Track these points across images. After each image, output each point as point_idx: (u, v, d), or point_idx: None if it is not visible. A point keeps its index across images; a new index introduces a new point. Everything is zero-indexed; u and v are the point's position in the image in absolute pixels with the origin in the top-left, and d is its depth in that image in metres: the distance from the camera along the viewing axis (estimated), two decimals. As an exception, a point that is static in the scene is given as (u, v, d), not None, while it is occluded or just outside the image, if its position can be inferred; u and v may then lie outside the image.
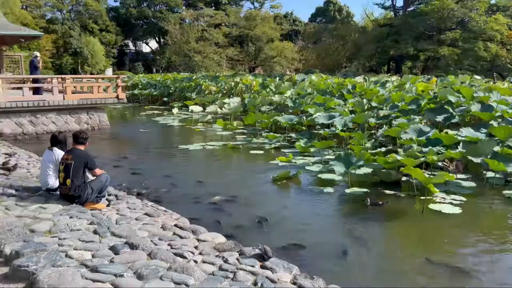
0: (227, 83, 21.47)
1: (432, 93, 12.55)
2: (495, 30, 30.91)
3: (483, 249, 4.29)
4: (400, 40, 33.34)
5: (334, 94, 14.92)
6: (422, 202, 5.59)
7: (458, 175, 6.97)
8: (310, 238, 4.58)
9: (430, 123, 10.19)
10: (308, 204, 5.89)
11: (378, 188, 6.44)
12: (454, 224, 4.97)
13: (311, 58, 42.27)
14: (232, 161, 9.09)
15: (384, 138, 9.76)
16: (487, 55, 31.18)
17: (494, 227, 5.00)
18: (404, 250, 4.43)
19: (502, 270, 3.85)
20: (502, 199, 5.86)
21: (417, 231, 4.93)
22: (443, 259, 4.04)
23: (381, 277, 3.70)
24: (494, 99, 10.27)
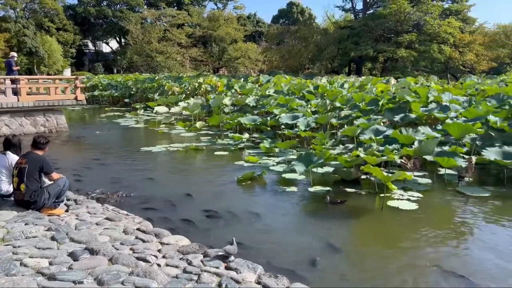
0: (191, 84, 21.28)
1: (391, 94, 12.99)
2: (448, 33, 32.39)
3: (438, 242, 4.48)
4: (360, 42, 34.24)
5: (297, 95, 15.14)
6: (381, 199, 5.79)
7: (415, 172, 7.26)
8: (272, 236, 4.63)
9: (389, 122, 10.55)
10: (270, 204, 5.95)
11: (340, 186, 6.60)
12: (410, 219, 5.16)
13: (274, 59, 42.58)
14: (196, 163, 9.02)
15: (345, 138, 10.01)
16: (441, 57, 32.64)
17: (447, 221, 5.25)
18: (364, 246, 4.55)
19: (456, 260, 4.04)
20: (456, 194, 6.15)
21: (376, 227, 5.08)
22: (397, 253, 4.20)
23: (339, 273, 3.79)
24: (447, 99, 10.77)
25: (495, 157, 6.63)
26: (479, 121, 8.34)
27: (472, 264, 4.01)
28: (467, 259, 4.12)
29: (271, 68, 41.13)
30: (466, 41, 33.72)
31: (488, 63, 35.09)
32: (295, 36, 40.47)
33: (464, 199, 5.95)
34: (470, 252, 4.29)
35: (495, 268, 3.86)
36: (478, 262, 4.04)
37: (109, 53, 59.51)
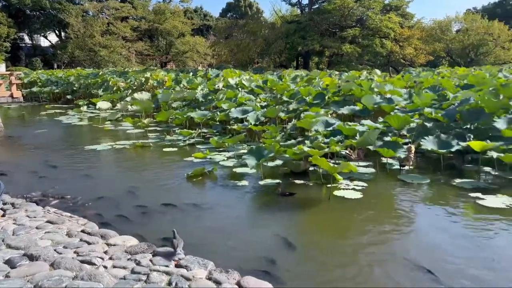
0: (137, 79, 20.66)
1: (337, 87, 13.39)
2: (389, 28, 33.88)
3: (381, 228, 4.71)
4: (307, 37, 34.94)
5: (245, 89, 15.18)
6: (328, 190, 5.97)
7: (360, 162, 7.56)
8: (224, 231, 4.63)
9: (335, 115, 10.88)
10: (222, 198, 5.94)
11: (289, 179, 6.72)
12: (357, 208, 5.37)
13: (223, 53, 42.41)
14: (144, 160, 8.79)
15: (294, 131, 10.19)
16: (383, 51, 34.12)
17: (391, 208, 5.52)
18: (312, 235, 4.68)
19: (396, 244, 4.27)
20: (397, 182, 6.48)
21: (325, 217, 5.24)
22: (342, 239, 4.36)
23: (289, 264, 3.87)
24: (389, 91, 11.29)
25: (432, 146, 7.05)
26: (417, 112, 8.82)
27: (424, 247, 4.24)
28: (419, 243, 4.34)
29: (220, 62, 40.96)
30: (405, 36, 35.47)
31: (425, 56, 37.18)
32: (244, 30, 40.53)
33: (405, 186, 6.28)
34: (420, 236, 4.54)
35: (444, 250, 4.11)
36: (429, 246, 4.27)
37: (48, 48, 56.24)
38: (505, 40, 39.90)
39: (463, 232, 4.57)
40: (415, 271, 3.66)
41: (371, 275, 3.62)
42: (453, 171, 7.04)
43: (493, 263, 3.80)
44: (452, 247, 4.17)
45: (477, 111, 8.13)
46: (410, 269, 3.70)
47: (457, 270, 3.68)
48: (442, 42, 41.34)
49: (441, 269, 3.67)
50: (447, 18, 44.59)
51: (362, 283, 3.49)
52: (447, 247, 4.16)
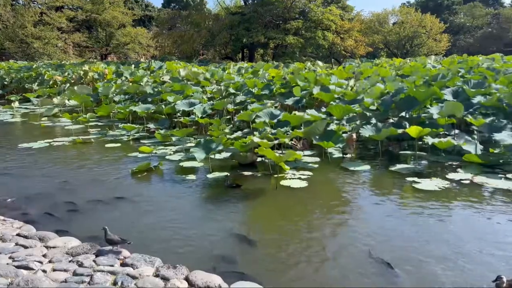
0: (75, 72, 19.65)
1: (283, 79, 13.58)
2: (330, 20, 34.83)
3: (324, 215, 4.87)
4: (251, 28, 35.04)
5: (192, 81, 14.96)
6: (275, 180, 6.07)
7: (305, 152, 7.75)
8: (173, 227, 4.57)
9: (281, 106, 11.04)
10: (169, 194, 5.84)
11: (237, 171, 6.75)
12: (300, 196, 5.52)
13: (166, 44, 41.37)
14: (85, 157, 8.40)
15: (241, 123, 10.23)
16: (326, 43, 35.03)
17: (334, 195, 5.72)
18: (259, 225, 4.75)
19: (340, 231, 4.45)
20: (340, 170, 6.72)
21: (270, 206, 5.33)
22: (287, 228, 4.47)
23: (237, 255, 3.90)
24: (333, 82, 11.64)
25: (371, 133, 7.38)
26: (357, 102, 9.17)
27: (367, 232, 4.43)
28: (362, 229, 4.53)
29: (163, 54, 39.98)
30: (346, 28, 36.66)
31: (365, 48, 38.69)
32: (187, 21, 39.79)
33: (347, 173, 6.53)
34: (363, 221, 4.73)
35: (386, 233, 4.33)
36: (372, 230, 4.47)
37: (-28, 39, 51.75)
38: (436, 33, 42.48)
39: (400, 214, 4.85)
40: (358, 256, 3.84)
41: (318, 262, 3.75)
42: (391, 157, 7.42)
43: (424, 239, 4.07)
44: (390, 229, 4.41)
45: (410, 100, 8.60)
46: (351, 253, 3.88)
47: (393, 248, 3.90)
48: (380, 34, 43.25)
49: (388, 251, 3.88)
50: (384, 11, 46.68)
51: (309, 269, 3.60)
52: (388, 230, 4.40)
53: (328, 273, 3.53)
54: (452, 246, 3.94)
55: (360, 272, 3.52)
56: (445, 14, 51.96)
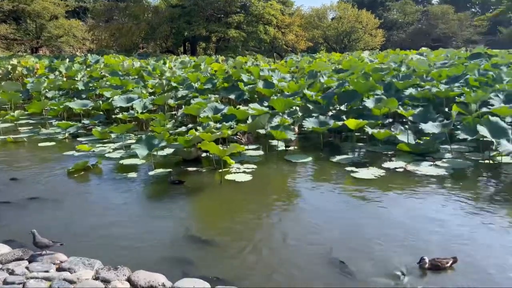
0: (2, 67, 18.20)
1: (226, 73, 13.51)
2: (271, 15, 35.17)
3: (267, 207, 4.95)
4: (192, 22, 34.47)
5: (133, 76, 14.46)
6: (220, 174, 6.05)
7: (250, 146, 7.80)
8: (114, 227, 4.41)
9: (225, 100, 11.00)
10: (109, 193, 5.62)
11: (181, 167, 6.64)
12: (245, 190, 5.55)
13: (103, 37, 39.50)
14: (17, 158, 7.84)
15: (184, 118, 10.06)
16: (267, 37, 35.34)
17: (276, 187, 5.83)
18: (203, 220, 4.72)
19: (285, 222, 4.54)
20: (284, 163, 6.84)
21: (214, 201, 5.32)
22: (231, 221, 4.49)
23: (178, 251, 3.85)
24: (275, 77, 11.79)
25: (313, 125, 7.58)
26: (298, 95, 9.37)
27: (309, 222, 4.54)
28: (304, 218, 4.65)
29: (100, 47, 38.21)
30: (287, 23, 37.22)
31: (306, 42, 39.55)
32: (125, 13, 38.28)
33: (291, 166, 6.66)
34: (305, 212, 4.85)
35: (328, 222, 4.46)
36: (313, 220, 4.59)
37: None
38: (372, 28, 44.38)
39: (340, 202, 5.04)
40: (304, 244, 3.95)
41: (263, 254, 3.80)
42: (332, 148, 7.67)
43: (360, 222, 4.27)
44: (330, 217, 4.58)
45: (350, 92, 8.94)
46: (296, 243, 3.98)
47: (336, 234, 4.06)
48: (319, 29, 44.37)
49: (330, 239, 4.02)
50: (323, 6, 48.00)
51: (253, 263, 3.64)
52: (328, 218, 4.56)
53: (275, 265, 3.59)
54: (384, 229, 4.17)
55: (302, 260, 3.62)
56: (380, 10, 54.42)
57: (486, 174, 6.02)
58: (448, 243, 3.87)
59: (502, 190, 5.43)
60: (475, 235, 4.06)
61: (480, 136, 6.41)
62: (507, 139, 6.01)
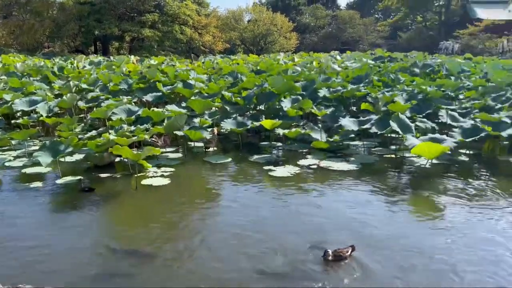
0: None
1: (140, 73, 13.03)
2: (187, 15, 34.75)
3: (188, 210, 4.86)
4: (103, 20, 32.76)
5: (35, 77, 13.29)
6: (136, 180, 5.80)
7: (167, 148, 7.60)
8: (11, 243, 3.99)
9: (140, 102, 10.58)
10: (9, 206, 5.08)
11: (93, 173, 6.25)
12: (163, 194, 5.40)
13: (1, 35, 35.87)
14: None
15: (96, 121, 9.50)
16: (184, 37, 34.87)
17: (196, 189, 5.76)
18: (117, 229, 4.49)
19: (205, 224, 4.49)
20: (203, 164, 6.78)
21: (129, 207, 5.09)
22: (147, 228, 4.34)
23: (89, 264, 3.63)
24: (193, 77, 11.63)
25: (231, 126, 7.62)
26: (217, 96, 9.36)
27: (227, 221, 4.52)
28: (229, 217, 4.62)
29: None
30: (203, 24, 37.07)
31: (223, 44, 39.74)
32: (26, 9, 35.14)
33: (210, 167, 6.62)
34: (229, 210, 4.83)
35: (247, 218, 4.48)
36: (238, 216, 4.58)
37: None
38: (286, 31, 45.96)
39: (258, 200, 5.12)
40: (225, 243, 3.93)
41: (181, 260, 3.71)
42: (251, 148, 7.77)
43: (278, 218, 4.39)
44: (249, 214, 4.63)
45: (268, 93, 9.15)
46: (219, 243, 3.95)
47: (256, 231, 4.12)
48: (236, 31, 44.85)
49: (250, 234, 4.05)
50: (239, 8, 48.55)
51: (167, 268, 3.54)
52: (247, 215, 4.60)
53: (202, 267, 3.52)
54: (302, 223, 4.33)
55: (224, 259, 3.61)
56: (293, 14, 56.55)
57: (391, 167, 6.54)
58: (355, 231, 4.14)
59: (405, 181, 5.95)
60: (379, 222, 4.40)
61: (388, 131, 6.94)
62: (412, 134, 6.59)
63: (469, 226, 4.31)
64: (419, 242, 3.93)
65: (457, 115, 7.76)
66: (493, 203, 4.91)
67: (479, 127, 6.73)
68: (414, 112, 7.93)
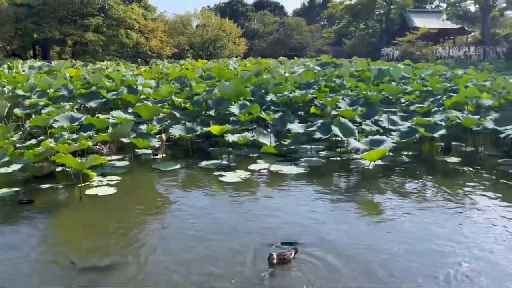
0: None
1: (83, 79, 12.51)
2: (133, 19, 33.94)
3: (136, 219, 4.72)
4: (43, 23, 31.18)
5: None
6: (79, 190, 5.54)
7: (113, 156, 7.33)
8: None
9: (83, 109, 10.14)
10: None
11: (32, 184, 5.90)
12: (109, 204, 5.20)
13: None
14: None
15: (35, 129, 8.97)
16: (130, 42, 34.00)
17: (143, 198, 5.61)
18: (61, 242, 4.27)
19: (154, 232, 4.38)
20: (152, 172, 6.61)
21: (73, 219, 4.86)
22: (91, 241, 4.17)
23: (30, 280, 3.42)
24: (140, 83, 11.34)
25: (180, 132, 7.51)
26: (166, 102, 9.20)
27: (184, 225, 4.43)
28: (179, 224, 4.52)
29: None
30: (150, 28, 36.36)
31: (171, 48, 39.20)
32: (-45, 9, 32.69)
33: (159, 174, 6.47)
34: (179, 217, 4.73)
35: (196, 224, 4.41)
36: (187, 222, 4.50)
37: None
38: (235, 36, 46.23)
39: (210, 205, 5.08)
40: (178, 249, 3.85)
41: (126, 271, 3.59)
42: (201, 154, 7.70)
43: (230, 221, 4.38)
44: (200, 220, 4.59)
45: (219, 99, 9.12)
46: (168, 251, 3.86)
47: (206, 235, 4.08)
48: (185, 35, 44.42)
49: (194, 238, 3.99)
50: (187, 13, 48.15)
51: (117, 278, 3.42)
52: (198, 220, 4.55)
53: (150, 277, 3.42)
54: (252, 226, 4.35)
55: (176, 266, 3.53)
56: (242, 20, 57.00)
57: (337, 169, 6.75)
58: (302, 230, 4.26)
59: (350, 182, 6.17)
60: (325, 221, 4.56)
61: (332, 135, 7.16)
62: (354, 138, 6.85)
63: (407, 220, 4.57)
64: (360, 236, 4.15)
65: (398, 118, 8.17)
66: (429, 199, 5.24)
67: (414, 129, 7.14)
68: (363, 118, 8.26)
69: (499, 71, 20.25)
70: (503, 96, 9.24)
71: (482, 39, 36.04)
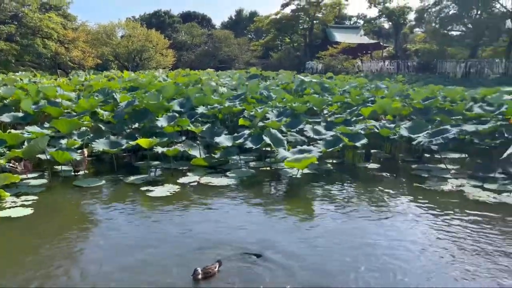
0: None
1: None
2: (50, 28, 31.92)
3: (55, 242, 4.39)
4: None
5: None
6: (-11, 213, 5.04)
7: (29, 174, 6.79)
8: None
9: None
10: None
11: None
12: (24, 226, 4.79)
13: None
14: None
15: None
16: (47, 52, 31.87)
17: (64, 218, 5.25)
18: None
19: (74, 255, 4.10)
20: (73, 189, 6.21)
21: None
22: (11, 267, 3.82)
23: None
24: (60, 94, 10.65)
25: (104, 147, 7.16)
26: (87, 114, 8.73)
27: (102, 244, 4.18)
28: (99, 243, 4.26)
29: None
30: (70, 38, 34.44)
31: (94, 59, 37.39)
32: None
33: (81, 191, 6.10)
34: (101, 236, 4.46)
35: (124, 243, 4.19)
36: (109, 242, 4.25)
37: None
38: (162, 48, 45.34)
39: (137, 222, 4.89)
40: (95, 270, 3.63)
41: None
42: (127, 169, 7.40)
43: (157, 238, 4.26)
44: (124, 237, 4.39)
45: (143, 111, 8.85)
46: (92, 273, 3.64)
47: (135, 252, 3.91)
48: (109, 46, 42.65)
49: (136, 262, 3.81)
50: (111, 23, 46.34)
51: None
52: (125, 240, 4.35)
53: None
54: (179, 241, 4.26)
55: None
56: (169, 31, 56.13)
57: (267, 179, 6.87)
58: (233, 241, 4.25)
59: (279, 190, 6.31)
60: (255, 228, 4.61)
61: (262, 146, 7.27)
62: (284, 148, 7.02)
63: (332, 222, 4.79)
64: (287, 240, 4.26)
65: (322, 128, 8.54)
66: (351, 202, 5.53)
67: (338, 138, 7.51)
68: (288, 127, 8.48)
69: (410, 83, 22.14)
70: (411, 105, 10.04)
71: (396, 54, 39.25)
